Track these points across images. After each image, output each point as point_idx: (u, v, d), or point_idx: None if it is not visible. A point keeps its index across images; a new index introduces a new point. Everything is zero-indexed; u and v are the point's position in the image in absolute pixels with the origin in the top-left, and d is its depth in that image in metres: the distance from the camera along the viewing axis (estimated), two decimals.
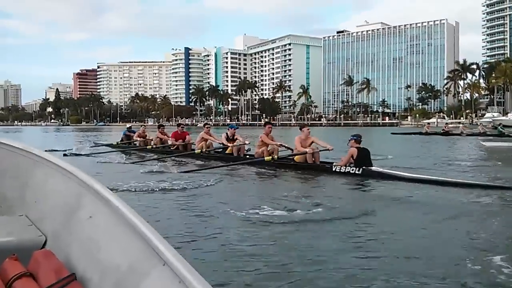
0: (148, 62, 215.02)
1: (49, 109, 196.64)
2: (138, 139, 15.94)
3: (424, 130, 34.46)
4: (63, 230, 1.73)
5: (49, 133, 52.72)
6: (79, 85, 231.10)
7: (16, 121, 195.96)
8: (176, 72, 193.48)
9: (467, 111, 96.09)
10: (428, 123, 47.38)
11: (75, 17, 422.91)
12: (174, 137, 13.97)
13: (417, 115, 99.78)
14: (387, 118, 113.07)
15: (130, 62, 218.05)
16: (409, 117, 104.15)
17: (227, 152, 11.53)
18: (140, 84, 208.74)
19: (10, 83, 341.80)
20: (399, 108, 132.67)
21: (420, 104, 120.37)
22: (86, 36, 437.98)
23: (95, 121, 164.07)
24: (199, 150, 12.03)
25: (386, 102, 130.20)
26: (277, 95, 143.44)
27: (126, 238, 1.39)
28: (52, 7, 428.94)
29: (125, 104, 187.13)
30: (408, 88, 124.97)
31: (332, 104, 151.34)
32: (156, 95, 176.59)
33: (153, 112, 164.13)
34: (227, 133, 11.85)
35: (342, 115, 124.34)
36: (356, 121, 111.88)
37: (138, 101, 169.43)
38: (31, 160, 2.14)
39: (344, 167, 8.31)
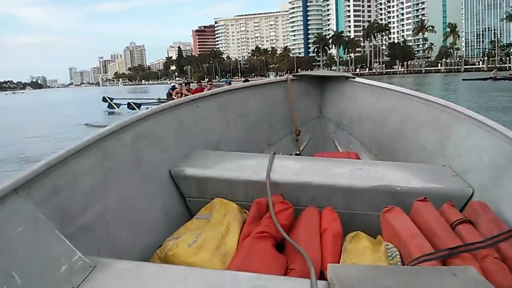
0: (264, 13, 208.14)
1: (173, 67, 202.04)
2: (174, 95, 17.51)
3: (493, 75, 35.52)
4: (491, 184, 1.78)
5: None
6: (199, 42, 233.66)
7: (143, 80, 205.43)
8: (293, 22, 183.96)
9: None
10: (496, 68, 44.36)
11: None
12: (194, 93, 13.49)
13: None
14: None
15: (246, 15, 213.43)
16: None
17: None
18: (257, 37, 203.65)
19: (135, 44, 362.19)
20: None
21: None
22: None
23: (217, 77, 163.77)
24: None
25: None
26: (409, 38, 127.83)
27: None
28: None
29: (243, 58, 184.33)
30: None
31: (477, 46, 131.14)
32: (274, 47, 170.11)
33: (272, 66, 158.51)
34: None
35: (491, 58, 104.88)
36: None
37: (257, 54, 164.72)
38: (451, 116, 2.30)
39: None
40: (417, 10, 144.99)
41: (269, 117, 3.18)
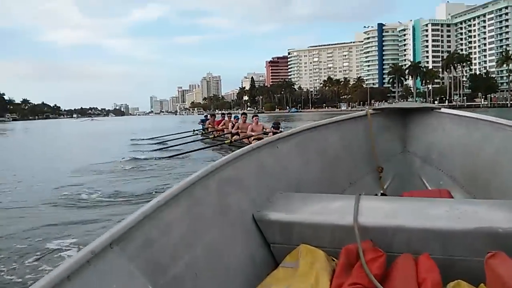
0: (338, 44, 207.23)
1: (245, 98, 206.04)
2: (209, 126, 18.71)
3: None
4: None
5: None
6: (271, 72, 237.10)
7: (216, 110, 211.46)
8: (368, 52, 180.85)
9: None
10: None
11: (266, 8, 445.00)
12: (217, 125, 17.33)
13: None
14: None
15: (319, 46, 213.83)
16: None
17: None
18: (330, 68, 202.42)
19: (212, 74, 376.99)
20: None
21: None
22: (276, 26, 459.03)
23: (288, 107, 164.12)
24: (228, 140, 13.55)
25: None
26: (492, 69, 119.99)
27: None
28: (246, 1, 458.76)
29: (315, 89, 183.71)
30: None
31: None
32: (347, 78, 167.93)
33: (344, 96, 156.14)
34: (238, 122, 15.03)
35: None
36: None
37: (329, 85, 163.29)
38: None
39: None
40: (501, 40, 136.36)
41: (349, 154, 3.08)
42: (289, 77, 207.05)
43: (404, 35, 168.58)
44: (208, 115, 21.11)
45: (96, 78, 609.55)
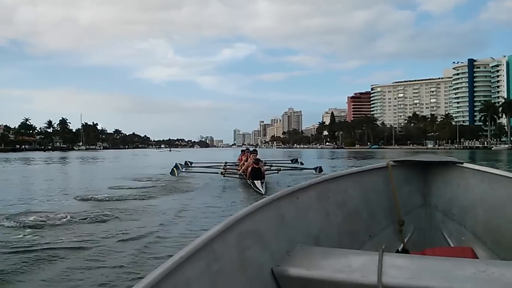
0: (425, 80, 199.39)
1: (325, 133, 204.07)
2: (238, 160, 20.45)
3: None
4: None
5: (324, 160, 47.71)
6: (353, 108, 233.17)
7: (295, 144, 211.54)
8: (457, 88, 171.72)
9: None
10: None
11: (350, 47, 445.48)
12: (239, 160, 19.33)
13: None
14: None
15: (404, 81, 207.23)
16: None
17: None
18: (416, 104, 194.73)
19: (293, 109, 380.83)
20: None
21: None
22: (360, 63, 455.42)
23: (369, 143, 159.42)
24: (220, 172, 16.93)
25: None
26: None
27: None
28: (330, 41, 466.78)
29: (399, 125, 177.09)
30: None
31: None
32: (434, 114, 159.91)
33: (431, 134, 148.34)
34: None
35: None
36: None
37: (415, 121, 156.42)
38: None
39: (247, 180, 13.86)
40: None
41: (369, 206, 3.03)
42: (372, 112, 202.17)
43: (497, 71, 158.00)
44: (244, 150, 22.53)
45: (185, 112, 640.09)
